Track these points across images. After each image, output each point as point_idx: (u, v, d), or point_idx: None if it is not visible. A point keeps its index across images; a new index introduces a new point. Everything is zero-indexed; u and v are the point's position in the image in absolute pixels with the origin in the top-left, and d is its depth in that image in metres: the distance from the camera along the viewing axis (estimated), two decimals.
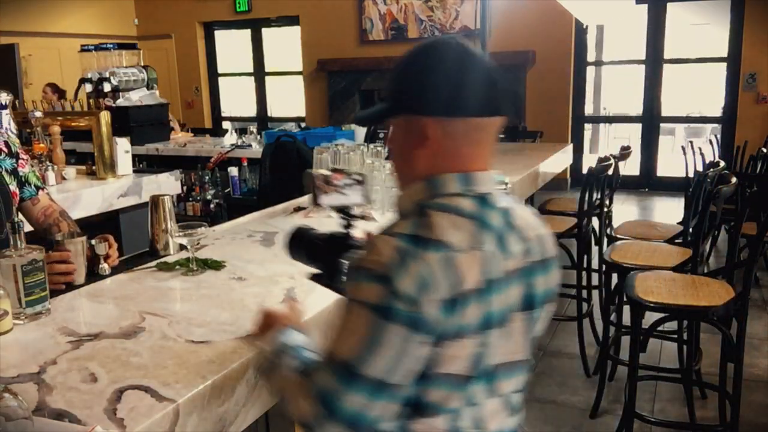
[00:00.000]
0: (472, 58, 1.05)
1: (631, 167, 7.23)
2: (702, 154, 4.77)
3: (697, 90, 10.25)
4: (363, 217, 1.36)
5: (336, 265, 1.27)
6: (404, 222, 1.01)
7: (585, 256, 3.37)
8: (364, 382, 0.94)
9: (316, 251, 1.30)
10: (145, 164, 4.87)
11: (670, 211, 6.65)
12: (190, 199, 5.23)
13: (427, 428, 1.02)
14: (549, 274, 1.12)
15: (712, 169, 3.01)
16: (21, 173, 2.01)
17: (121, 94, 5.17)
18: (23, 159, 2.05)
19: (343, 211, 1.32)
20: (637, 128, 8.34)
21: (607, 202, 3.74)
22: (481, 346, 1.01)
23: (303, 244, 1.33)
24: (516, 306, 1.06)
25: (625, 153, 3.93)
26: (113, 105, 5.07)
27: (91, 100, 5.12)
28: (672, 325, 3.04)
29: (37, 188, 2.05)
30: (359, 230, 1.31)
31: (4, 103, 3.05)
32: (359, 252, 1.01)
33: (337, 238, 1.29)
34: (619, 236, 3.32)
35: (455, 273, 0.95)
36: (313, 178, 1.32)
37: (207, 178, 5.19)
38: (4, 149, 1.99)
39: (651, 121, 7.97)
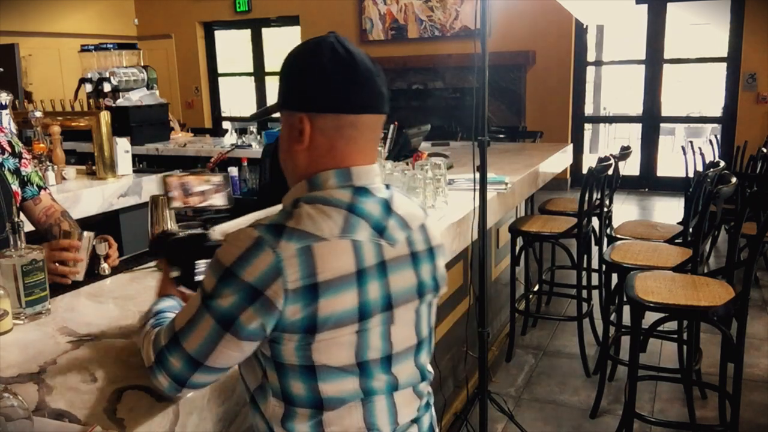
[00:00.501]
0: (348, 58, 1.06)
1: (631, 167, 7.22)
2: (702, 154, 4.77)
3: (697, 90, 10.25)
4: (222, 219, 1.39)
5: (191, 267, 1.31)
6: (273, 215, 1.03)
7: (585, 256, 3.37)
8: (183, 353, 1.01)
9: (174, 254, 1.33)
10: (145, 164, 4.86)
11: (670, 211, 6.66)
12: None
13: (342, 428, 1.05)
14: (435, 262, 1.15)
15: (712, 169, 3.01)
16: (23, 173, 2.02)
17: (121, 94, 5.16)
18: (26, 159, 2.05)
19: (200, 212, 1.35)
20: (637, 128, 8.35)
21: (607, 202, 3.74)
22: (362, 333, 1.02)
23: (163, 248, 1.36)
24: (405, 293, 1.08)
25: (625, 153, 3.93)
26: (113, 105, 5.07)
27: (91, 100, 5.11)
28: (672, 325, 3.04)
29: (39, 188, 2.05)
30: (218, 232, 1.36)
31: (4, 103, 3.05)
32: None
33: (193, 240, 1.33)
34: (619, 236, 3.32)
35: (312, 262, 0.96)
36: (168, 186, 1.34)
37: None
38: (8, 149, 2.00)
39: (651, 121, 7.97)
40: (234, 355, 1.01)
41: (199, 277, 1.28)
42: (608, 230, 3.54)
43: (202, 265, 1.29)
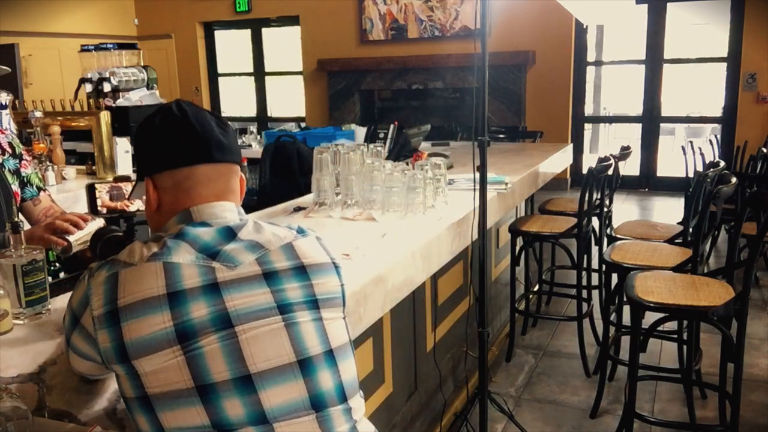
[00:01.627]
0: (180, 116, 1.14)
1: (631, 167, 7.23)
2: (702, 154, 4.77)
3: (697, 90, 10.25)
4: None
5: None
6: None
7: (585, 256, 3.37)
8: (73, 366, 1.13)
9: (104, 252, 1.41)
10: None
11: (670, 211, 6.66)
12: None
13: None
14: (307, 280, 1.11)
15: (712, 169, 3.01)
16: (23, 173, 2.02)
17: (121, 94, 5.15)
18: (26, 160, 2.06)
19: (127, 216, 1.41)
20: (637, 128, 8.34)
21: (607, 202, 3.74)
22: (191, 354, 0.98)
23: (99, 244, 1.44)
24: (255, 311, 1.04)
25: (625, 153, 3.93)
26: (113, 105, 5.06)
27: (91, 100, 5.11)
28: (672, 325, 3.04)
29: (39, 189, 2.06)
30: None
31: (4, 103, 3.05)
32: None
33: (115, 240, 1.43)
34: (619, 236, 3.32)
35: (115, 288, 1.00)
36: (94, 191, 1.41)
37: None
38: (8, 149, 2.00)
39: (651, 121, 7.97)
40: (87, 368, 1.09)
41: None
42: (608, 230, 3.54)
43: None
